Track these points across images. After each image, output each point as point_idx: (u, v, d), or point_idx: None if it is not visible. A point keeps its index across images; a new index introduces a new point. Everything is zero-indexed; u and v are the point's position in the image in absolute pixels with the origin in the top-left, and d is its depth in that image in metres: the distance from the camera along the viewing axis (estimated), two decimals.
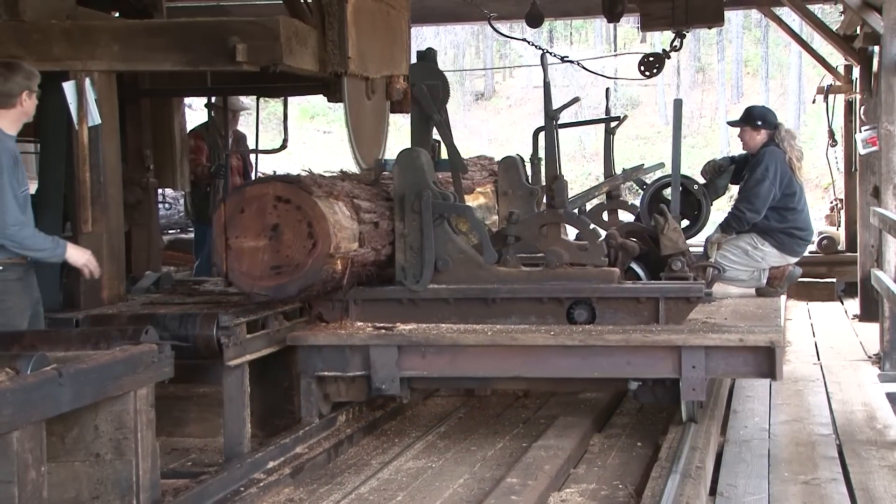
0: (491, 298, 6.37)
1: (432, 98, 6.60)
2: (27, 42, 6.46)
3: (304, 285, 5.77)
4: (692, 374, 5.88)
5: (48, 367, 4.23)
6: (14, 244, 5.46)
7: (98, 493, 4.59)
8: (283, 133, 9.25)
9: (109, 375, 4.46)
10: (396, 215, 6.42)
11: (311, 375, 6.22)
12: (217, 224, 5.74)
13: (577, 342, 5.96)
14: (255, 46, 6.22)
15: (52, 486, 4.29)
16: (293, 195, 5.74)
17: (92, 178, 6.37)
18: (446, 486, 5.51)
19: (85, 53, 6.44)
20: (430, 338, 6.10)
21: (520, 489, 5.23)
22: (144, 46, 6.48)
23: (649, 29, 11.31)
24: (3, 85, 5.61)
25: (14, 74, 5.65)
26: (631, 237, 7.33)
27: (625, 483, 5.57)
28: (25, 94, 5.66)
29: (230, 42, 6.13)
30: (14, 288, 5.54)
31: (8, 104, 5.63)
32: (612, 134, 8.71)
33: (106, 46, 6.45)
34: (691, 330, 6.02)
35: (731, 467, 5.85)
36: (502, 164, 8.36)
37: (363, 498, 5.32)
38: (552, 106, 6.51)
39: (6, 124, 5.64)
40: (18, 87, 5.63)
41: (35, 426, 4.02)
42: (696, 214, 7.74)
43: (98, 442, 4.60)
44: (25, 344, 4.76)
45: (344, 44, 6.80)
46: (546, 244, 6.49)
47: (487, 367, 6.12)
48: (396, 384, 6.15)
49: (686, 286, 6.33)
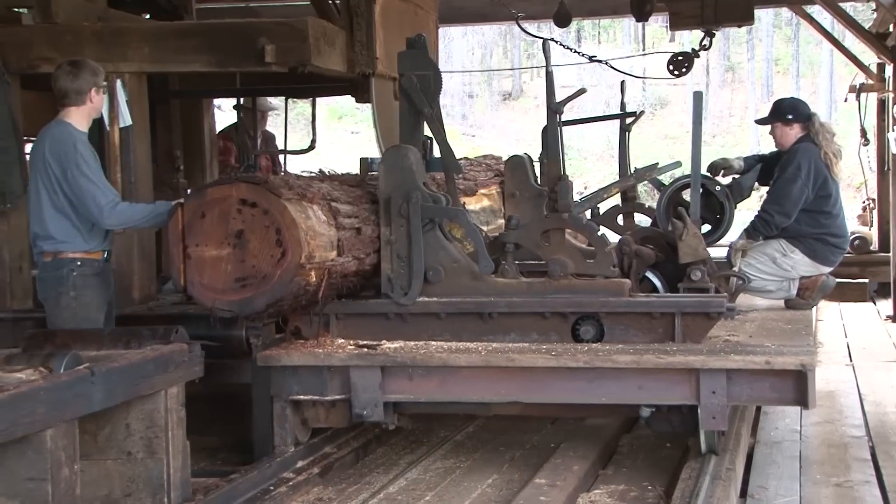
0: (487, 313, 5.70)
1: (423, 90, 5.93)
2: (59, 44, 6.65)
3: (273, 299, 5.11)
4: (712, 400, 5.19)
5: (81, 366, 4.35)
6: (117, 224, 5.64)
7: (130, 491, 4.70)
8: (311, 133, 9.35)
9: (141, 374, 4.59)
10: (382, 220, 5.77)
11: (286, 399, 5.58)
12: (173, 230, 5.10)
13: (582, 363, 5.28)
14: (283, 47, 6.33)
15: (84, 483, 4.35)
16: (259, 198, 5.09)
17: (123, 178, 6.44)
18: (474, 486, 5.47)
19: (116, 55, 6.59)
20: (418, 358, 5.44)
21: (548, 489, 5.20)
22: (174, 48, 6.60)
23: (678, 28, 11.25)
24: (74, 82, 5.76)
25: (82, 71, 5.79)
26: (646, 244, 6.66)
27: (654, 484, 5.42)
28: (94, 91, 5.82)
29: (259, 43, 6.22)
30: (92, 283, 5.68)
31: (79, 101, 5.78)
32: (628, 131, 8.02)
33: (137, 48, 6.60)
34: (711, 350, 5.32)
35: (761, 469, 5.75)
36: (509, 163, 7.63)
37: (392, 497, 5.31)
38: (555, 98, 5.82)
39: (78, 120, 5.79)
40: (87, 84, 5.78)
41: (68, 424, 4.11)
42: (719, 218, 7.02)
43: (130, 440, 4.72)
44: (58, 343, 4.90)
45: (372, 44, 6.87)
46: (549, 252, 5.81)
47: (481, 391, 5.45)
48: (380, 409, 5.49)
49: (705, 300, 5.63)
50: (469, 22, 17.08)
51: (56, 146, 5.68)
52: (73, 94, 5.77)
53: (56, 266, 5.67)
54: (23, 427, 3.87)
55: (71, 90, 5.77)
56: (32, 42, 6.77)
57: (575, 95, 5.89)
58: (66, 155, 5.63)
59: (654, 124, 39.58)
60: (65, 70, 5.81)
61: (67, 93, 5.78)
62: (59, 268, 5.68)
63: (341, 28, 6.82)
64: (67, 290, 5.65)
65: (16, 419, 3.82)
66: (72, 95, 5.78)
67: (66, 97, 5.80)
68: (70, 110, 5.80)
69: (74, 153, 5.61)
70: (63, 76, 5.78)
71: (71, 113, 5.80)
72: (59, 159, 5.64)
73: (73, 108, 5.79)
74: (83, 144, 5.68)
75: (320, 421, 5.72)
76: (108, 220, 5.62)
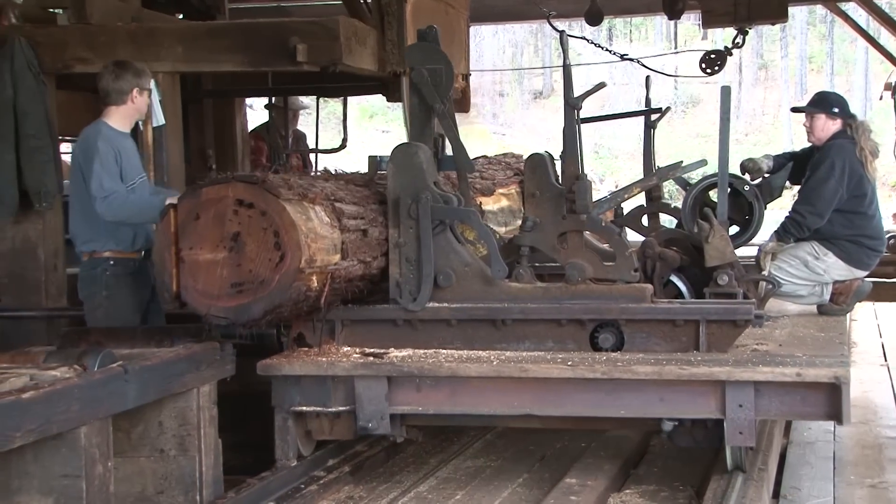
0: (500, 320, 5.38)
1: (434, 84, 5.62)
2: (94, 44, 6.76)
3: (271, 306, 4.81)
4: (739, 414, 4.86)
5: (114, 364, 4.43)
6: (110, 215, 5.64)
7: (162, 489, 4.77)
8: (342, 132, 9.54)
9: (173, 373, 4.67)
10: (390, 221, 5.46)
11: (287, 410, 5.29)
12: (164, 233, 4.82)
13: (600, 374, 4.95)
14: (315, 47, 6.39)
15: (118, 480, 4.40)
16: (257, 198, 4.79)
17: (156, 177, 6.51)
18: (505, 485, 5.40)
19: (149, 55, 6.67)
20: (426, 368, 5.13)
21: (579, 489, 5.15)
22: (207, 48, 6.67)
23: (711, 26, 11.26)
24: (115, 82, 5.88)
25: (125, 72, 5.91)
26: (671, 246, 6.33)
27: (685, 484, 5.30)
28: (136, 91, 5.92)
29: (291, 42, 6.28)
30: (126, 282, 5.75)
31: (120, 101, 5.89)
32: (654, 128, 7.68)
33: (170, 48, 6.69)
34: (738, 361, 4.98)
35: (794, 470, 5.70)
36: (529, 162, 7.26)
37: (422, 496, 5.26)
38: (573, 93, 5.49)
39: (118, 120, 5.91)
40: (129, 85, 5.89)
41: (102, 422, 4.19)
42: (748, 219, 6.65)
43: (162, 438, 4.79)
44: (92, 341, 4.97)
45: (403, 43, 6.87)
46: (566, 256, 5.49)
47: (493, 403, 5.13)
48: (386, 422, 5.18)
49: (732, 307, 5.29)
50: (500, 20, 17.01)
51: (84, 144, 5.81)
52: (114, 93, 5.88)
53: (91, 265, 5.76)
54: (58, 424, 3.94)
55: (112, 90, 5.89)
56: (67, 42, 6.88)
57: (594, 90, 5.56)
58: (88, 150, 5.73)
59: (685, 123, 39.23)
60: (109, 70, 5.94)
61: (109, 92, 5.90)
62: (93, 267, 5.78)
63: (373, 27, 6.86)
64: (100, 289, 5.73)
65: (51, 416, 3.90)
66: (113, 95, 5.89)
67: (107, 97, 5.92)
68: (110, 110, 5.93)
69: (94, 149, 5.69)
70: (106, 76, 5.91)
71: (111, 112, 5.92)
72: (86, 156, 5.74)
73: (113, 107, 5.91)
74: (104, 140, 5.74)
75: (324, 433, 5.42)
76: (100, 209, 5.60)
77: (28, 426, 3.81)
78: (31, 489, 4.06)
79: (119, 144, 5.90)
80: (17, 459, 4.02)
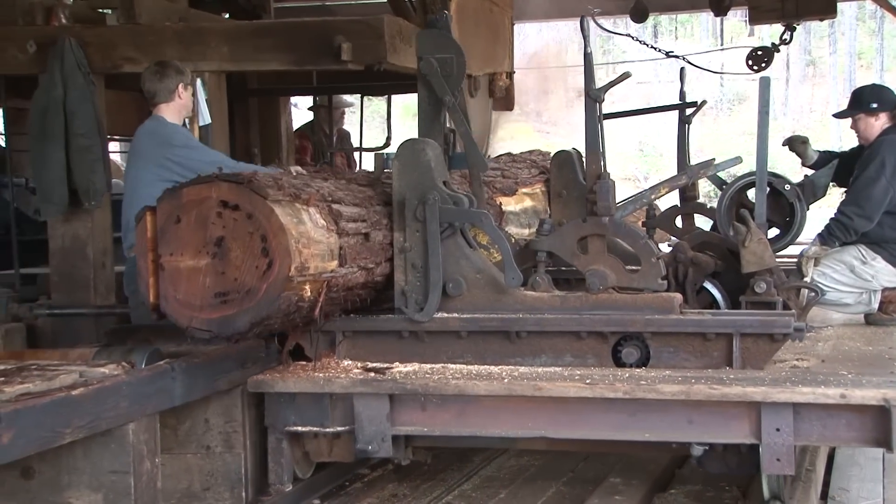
0: (515, 332, 4.93)
1: (444, 75, 5.18)
2: (142, 44, 6.86)
3: (258, 318, 4.36)
4: (776, 439, 4.37)
5: (161, 361, 4.49)
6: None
7: (209, 485, 4.80)
8: (386, 131, 9.71)
9: (219, 370, 4.70)
10: (395, 224, 5.02)
11: (282, 430, 4.86)
12: (140, 238, 4.39)
13: (622, 394, 4.47)
14: (359, 45, 6.42)
15: (165, 476, 4.46)
16: (243, 199, 4.35)
17: None
18: (548, 484, 5.33)
19: (196, 54, 6.76)
20: (431, 385, 4.67)
21: (623, 489, 5.10)
22: (253, 47, 6.74)
23: (758, 22, 11.16)
24: (161, 81, 6.11)
25: (167, 70, 6.14)
26: (705, 250, 5.85)
27: (731, 485, 5.15)
28: (181, 87, 6.14)
29: (335, 41, 6.30)
30: None
31: (168, 98, 6.12)
32: (688, 123, 7.18)
33: (216, 47, 6.75)
34: (775, 380, 4.49)
35: (843, 471, 5.55)
36: (555, 159, 6.81)
37: (466, 495, 5.22)
38: (594, 84, 5.01)
39: (170, 115, 6.15)
40: (174, 82, 6.11)
41: (149, 418, 4.25)
42: (788, 221, 6.16)
43: (209, 435, 4.81)
44: (140, 338, 5.04)
45: None
46: (587, 262, 5.02)
47: (504, 424, 4.67)
48: (388, 444, 4.74)
49: (769, 319, 4.78)
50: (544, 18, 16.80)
51: (151, 135, 6.03)
52: (162, 92, 6.09)
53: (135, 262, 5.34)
54: (106, 421, 4.01)
55: (160, 89, 6.09)
56: (116, 42, 6.96)
57: (617, 81, 5.09)
58: (160, 140, 5.98)
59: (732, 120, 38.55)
60: (151, 71, 6.15)
61: (157, 92, 6.11)
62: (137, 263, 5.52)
63: (417, 26, 6.79)
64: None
65: (100, 413, 3.96)
66: (161, 94, 6.10)
67: (155, 96, 6.11)
68: (161, 107, 6.13)
69: (172, 138, 5.99)
70: (150, 77, 6.12)
71: (162, 109, 6.13)
72: (158, 144, 5.96)
73: (163, 104, 6.11)
74: (181, 134, 6.07)
75: (323, 455, 5.00)
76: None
77: (78, 423, 3.88)
78: (81, 485, 4.14)
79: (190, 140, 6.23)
80: (67, 455, 4.10)
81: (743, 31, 38.49)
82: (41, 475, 4.15)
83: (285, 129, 9.63)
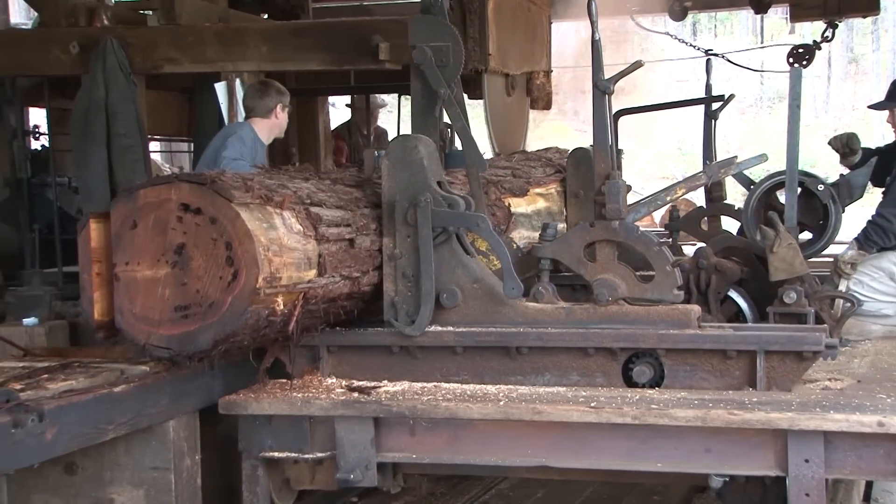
0: (515, 347, 4.45)
1: (439, 65, 4.72)
2: (182, 45, 6.95)
3: (222, 334, 3.91)
4: (804, 471, 3.87)
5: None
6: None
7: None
8: None
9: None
10: (385, 229, 4.56)
11: (257, 456, 4.41)
12: (81, 247, 3.96)
13: (630, 419, 3.99)
14: (397, 45, 6.47)
15: (205, 474, 4.40)
16: (205, 202, 3.90)
17: None
18: (586, 484, 5.34)
19: (236, 54, 6.88)
20: (419, 407, 4.20)
21: (662, 489, 5.14)
22: (291, 46, 6.80)
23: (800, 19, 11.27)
24: (261, 100, 6.53)
25: (269, 90, 6.53)
26: (730, 256, 5.38)
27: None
28: (279, 108, 6.54)
29: (373, 41, 6.36)
30: None
31: (266, 115, 6.54)
32: (715, 118, 6.71)
33: (255, 47, 6.83)
34: (803, 404, 3.98)
35: None
36: (572, 157, 6.38)
37: (503, 494, 5.28)
38: (603, 74, 4.52)
39: (262, 133, 6.53)
40: (273, 102, 6.51)
41: (190, 416, 4.28)
42: (822, 224, 5.68)
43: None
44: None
45: (485, 41, 6.98)
46: (594, 271, 4.53)
47: (501, 451, 4.19)
48: (372, 472, 4.28)
49: (797, 335, 4.26)
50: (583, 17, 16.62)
51: (224, 133, 6.40)
52: (260, 109, 6.48)
53: None
54: (148, 417, 4.06)
55: (259, 106, 6.50)
56: (157, 43, 7.05)
57: (628, 71, 4.60)
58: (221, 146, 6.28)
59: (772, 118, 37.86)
60: (254, 89, 6.55)
61: (255, 108, 6.51)
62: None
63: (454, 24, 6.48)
64: None
65: (141, 409, 4.01)
66: (259, 110, 6.49)
67: (252, 111, 6.51)
68: (255, 120, 6.51)
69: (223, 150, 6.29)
70: (252, 94, 6.51)
71: (256, 122, 6.51)
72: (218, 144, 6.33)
73: (257, 118, 6.50)
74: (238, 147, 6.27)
75: (305, 483, 4.55)
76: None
77: (120, 419, 3.93)
78: (123, 480, 4.20)
79: (254, 146, 6.46)
80: (109, 451, 4.15)
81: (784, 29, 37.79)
82: (84, 471, 4.21)
83: (323, 128, 9.79)
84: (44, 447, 3.61)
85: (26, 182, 8.15)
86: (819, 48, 10.33)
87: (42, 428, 3.57)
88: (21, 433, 3.50)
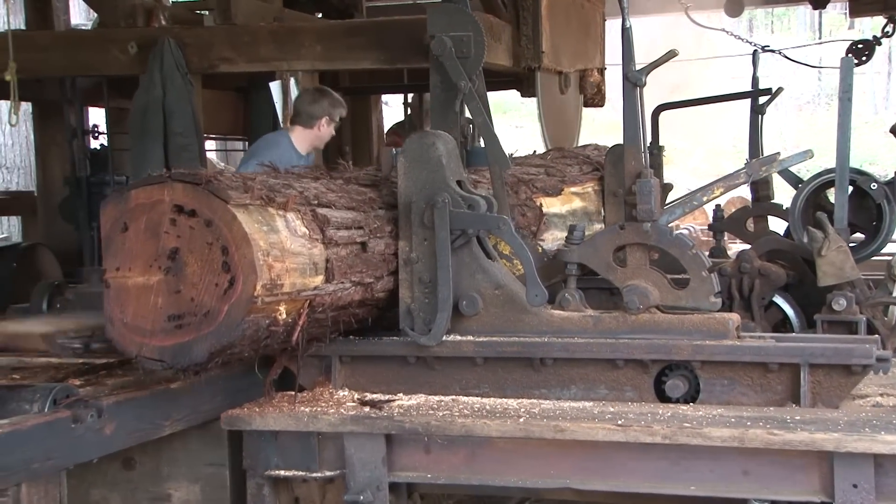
0: (539, 358, 4.14)
1: (460, 57, 4.42)
2: (238, 44, 7.01)
3: (218, 346, 3.63)
4: (853, 497, 3.53)
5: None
6: None
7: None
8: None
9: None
10: (401, 231, 4.26)
11: (262, 475, 4.13)
12: None
13: (661, 438, 3.66)
14: None
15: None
16: (200, 204, 3.63)
17: None
18: None
19: (290, 54, 6.91)
20: (434, 424, 3.90)
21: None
22: (345, 46, 6.84)
23: (859, 15, 11.22)
24: (309, 105, 6.43)
25: (321, 98, 6.45)
26: (775, 259, 5.03)
27: None
28: (325, 120, 6.46)
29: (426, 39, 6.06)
30: None
31: (308, 123, 6.43)
32: (762, 113, 6.36)
33: (309, 47, 6.85)
34: (851, 423, 3.64)
35: None
36: (611, 154, 6.02)
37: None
38: (634, 65, 4.19)
39: (300, 142, 6.41)
40: (320, 111, 6.41)
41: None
42: (875, 225, 5.32)
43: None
44: None
45: (538, 38, 7.01)
46: (624, 277, 4.20)
47: (522, 472, 3.89)
48: (384, 493, 3.98)
49: (845, 347, 3.91)
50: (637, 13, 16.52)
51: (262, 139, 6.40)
52: (304, 115, 6.40)
53: None
54: (203, 414, 4.12)
55: (303, 112, 6.42)
56: (213, 43, 7.10)
57: (661, 61, 4.26)
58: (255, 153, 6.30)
59: (830, 115, 37.24)
60: (308, 93, 6.50)
61: (300, 113, 6.42)
62: None
63: (507, 22, 6.95)
64: None
65: (197, 406, 4.08)
66: (302, 116, 6.41)
67: (297, 116, 6.43)
68: (296, 128, 6.45)
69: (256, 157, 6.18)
70: (304, 97, 6.48)
71: (295, 130, 6.45)
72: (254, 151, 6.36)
73: (298, 126, 6.41)
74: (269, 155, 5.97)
75: (315, 503, 4.26)
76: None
77: (176, 415, 4.00)
78: (180, 476, 4.29)
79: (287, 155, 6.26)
80: (166, 447, 4.22)
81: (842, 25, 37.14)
82: (142, 466, 4.30)
83: (376, 127, 9.84)
84: (102, 442, 3.68)
85: (85, 181, 8.22)
86: (879, 44, 10.12)
87: (101, 423, 3.65)
88: (80, 428, 3.57)
